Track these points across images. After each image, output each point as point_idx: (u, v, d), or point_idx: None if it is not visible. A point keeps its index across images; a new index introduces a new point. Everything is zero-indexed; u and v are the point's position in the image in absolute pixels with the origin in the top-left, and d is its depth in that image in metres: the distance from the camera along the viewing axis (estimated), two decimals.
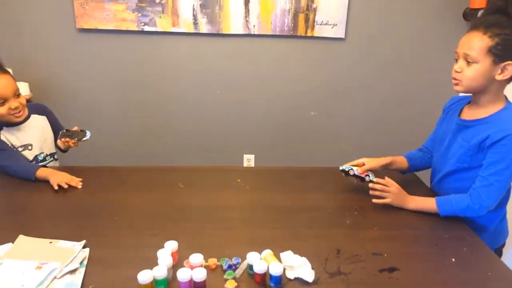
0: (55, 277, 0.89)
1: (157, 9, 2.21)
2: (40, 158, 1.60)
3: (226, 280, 0.92)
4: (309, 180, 1.54)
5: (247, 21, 2.25)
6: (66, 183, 1.37)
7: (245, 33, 2.28)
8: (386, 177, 1.30)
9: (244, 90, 2.45)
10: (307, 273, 0.93)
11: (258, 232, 1.15)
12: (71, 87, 2.40)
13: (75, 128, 1.58)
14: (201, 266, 0.93)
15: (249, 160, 2.60)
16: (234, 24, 2.25)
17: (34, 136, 1.57)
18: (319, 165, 1.70)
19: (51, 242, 1.04)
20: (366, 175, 1.37)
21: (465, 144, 1.18)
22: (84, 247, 1.03)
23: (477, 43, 1.08)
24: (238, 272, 0.95)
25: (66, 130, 1.57)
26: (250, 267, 0.95)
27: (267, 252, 0.98)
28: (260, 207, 1.30)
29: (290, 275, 0.95)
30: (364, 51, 2.37)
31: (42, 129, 1.62)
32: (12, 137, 1.51)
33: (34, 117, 1.60)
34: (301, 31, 2.27)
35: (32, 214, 1.22)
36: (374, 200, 1.30)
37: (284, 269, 0.95)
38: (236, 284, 0.91)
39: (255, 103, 2.48)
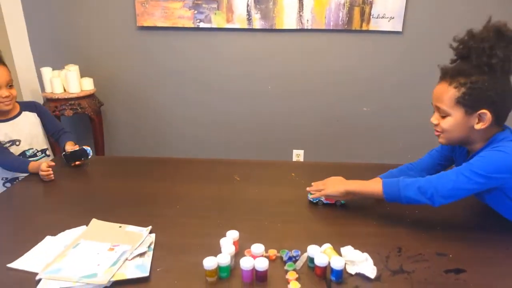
0: (126, 259, 0.95)
1: (212, 5, 2.26)
2: (29, 153, 1.64)
3: (287, 271, 0.93)
4: (365, 176, 1.50)
5: (300, 15, 2.24)
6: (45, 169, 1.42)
7: (298, 28, 2.27)
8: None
9: (296, 86, 2.44)
10: (369, 269, 0.92)
11: (316, 227, 1.15)
12: (131, 83, 2.53)
13: (74, 147, 1.57)
14: (263, 256, 0.95)
15: (298, 155, 2.60)
16: (287, 19, 2.25)
17: (24, 132, 1.62)
18: (370, 162, 1.66)
19: (120, 227, 1.11)
20: (336, 201, 1.26)
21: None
22: (150, 232, 1.09)
23: (445, 95, 1.03)
24: (298, 264, 0.96)
25: (66, 152, 1.55)
26: (310, 260, 0.95)
27: (327, 246, 0.98)
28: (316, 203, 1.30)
29: (351, 270, 0.94)
30: (422, 45, 2.26)
31: (32, 125, 1.66)
32: (0, 133, 1.57)
33: (25, 114, 1.65)
34: (356, 25, 2.22)
35: (101, 201, 1.31)
36: (310, 197, 1.25)
37: (345, 264, 0.95)
38: (297, 275, 0.92)
39: (307, 99, 2.46)
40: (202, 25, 2.31)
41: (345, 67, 2.36)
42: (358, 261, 0.94)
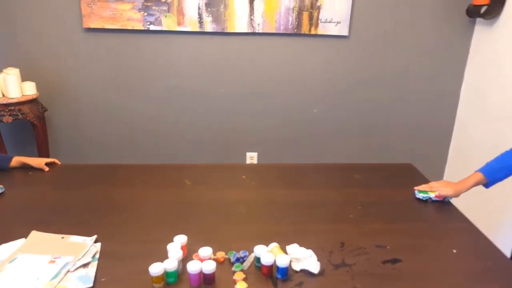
0: (68, 271, 0.92)
1: (163, 8, 2.23)
2: None
3: (234, 272, 0.95)
4: (313, 176, 1.56)
5: (251, 19, 2.27)
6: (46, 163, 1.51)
7: (249, 31, 2.30)
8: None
9: (248, 88, 2.47)
10: (313, 265, 0.96)
11: (264, 227, 1.18)
12: (77, 86, 2.43)
13: None
14: (210, 259, 0.96)
15: (252, 158, 2.63)
16: (239, 22, 2.27)
17: None
18: (322, 162, 1.72)
19: (63, 237, 1.07)
20: (445, 197, 1.33)
21: None
22: (95, 241, 1.06)
23: None
24: (246, 264, 0.98)
25: None
26: (257, 259, 0.97)
27: (274, 245, 1.01)
28: (266, 203, 1.33)
29: (296, 267, 0.97)
30: (368, 49, 2.38)
31: None
32: None
33: None
34: (305, 29, 2.29)
35: (43, 211, 1.25)
36: (419, 195, 1.34)
37: (290, 261, 0.98)
38: (244, 275, 0.93)
39: (259, 101, 2.50)
40: (152, 27, 2.27)
41: (295, 70, 2.42)
42: (302, 258, 0.97)
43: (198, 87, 2.46)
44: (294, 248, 1.00)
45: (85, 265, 0.95)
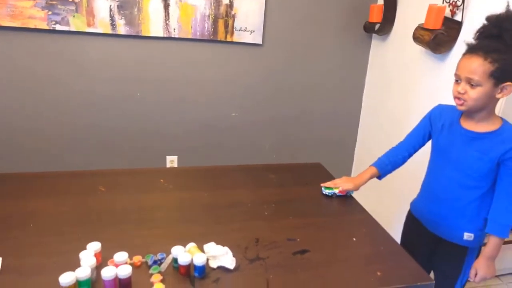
0: None
1: (70, 7, 2.10)
2: None
3: (151, 274, 0.96)
4: (231, 178, 1.62)
5: (167, 24, 2.26)
6: None
7: (165, 36, 2.29)
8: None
9: (166, 93, 2.45)
10: (228, 261, 1.01)
11: (183, 229, 1.20)
12: None
13: None
14: (126, 263, 0.95)
15: (172, 162, 2.60)
16: (154, 26, 2.25)
17: None
18: (241, 164, 1.80)
19: None
20: (347, 192, 1.49)
21: (484, 157, 1.20)
22: None
23: (479, 68, 1.15)
24: (163, 266, 1.00)
25: None
26: (175, 260, 0.99)
27: (191, 245, 1.04)
28: (184, 205, 1.35)
29: (213, 264, 1.02)
30: (280, 57, 2.53)
31: None
32: None
33: None
34: (221, 36, 2.35)
35: None
36: (325, 191, 1.48)
37: (208, 260, 1.02)
38: (161, 277, 0.95)
39: (177, 105, 2.49)
40: (58, 27, 2.12)
41: (212, 75, 2.47)
42: (219, 255, 1.02)
43: (113, 91, 2.36)
44: (211, 247, 1.04)
45: None
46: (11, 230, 1.12)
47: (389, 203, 2.40)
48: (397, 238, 1.39)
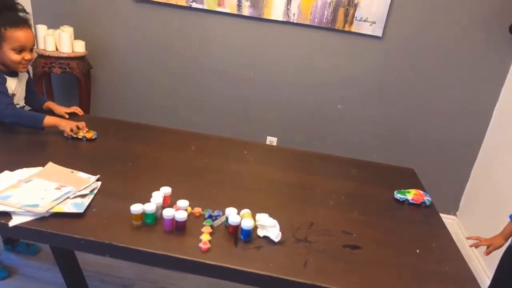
0: (68, 197, 1.09)
1: None
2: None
3: (204, 226, 1.07)
4: (314, 164, 1.64)
5: (288, 9, 2.34)
6: (77, 127, 1.52)
7: (284, 20, 2.37)
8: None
9: (277, 75, 2.55)
10: (275, 234, 1.05)
11: (247, 196, 1.28)
12: (121, 50, 2.65)
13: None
14: (186, 210, 1.08)
15: (271, 142, 2.72)
16: (275, 10, 2.35)
17: (20, 88, 1.67)
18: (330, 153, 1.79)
19: (72, 172, 1.24)
20: (422, 202, 1.38)
21: None
22: (98, 180, 1.22)
23: None
24: (217, 222, 1.10)
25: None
26: (227, 220, 1.08)
27: (245, 211, 1.12)
28: (257, 178, 1.43)
29: (260, 233, 1.07)
30: (400, 53, 2.37)
31: (25, 83, 1.71)
32: (10, 85, 1.59)
33: (24, 73, 1.69)
34: (339, 25, 2.32)
35: (61, 151, 1.44)
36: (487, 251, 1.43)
37: (257, 228, 1.09)
38: (211, 230, 1.05)
39: (285, 89, 2.57)
40: (194, 5, 2.41)
41: (325, 64, 2.46)
42: (267, 226, 1.07)
43: (229, 67, 2.58)
44: (262, 216, 1.10)
45: (83, 196, 1.11)
46: (115, 164, 1.37)
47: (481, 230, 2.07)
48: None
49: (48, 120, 1.51)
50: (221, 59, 2.57)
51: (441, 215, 2.67)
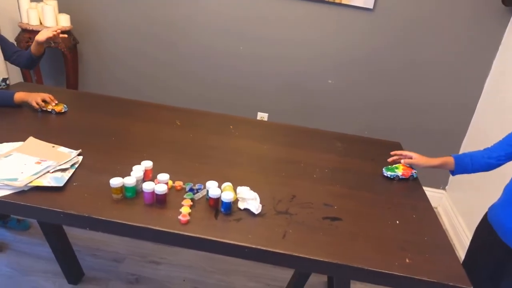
0: (48, 171, 1.08)
1: None
2: None
3: (184, 199, 1.07)
4: (301, 138, 1.63)
5: None
6: (43, 100, 1.50)
7: None
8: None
9: (265, 50, 2.51)
10: (255, 206, 1.06)
11: (230, 170, 1.28)
12: (109, 25, 2.58)
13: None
14: (166, 184, 1.08)
15: (262, 118, 2.71)
16: None
17: None
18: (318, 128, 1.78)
19: (53, 147, 1.23)
20: (410, 175, 1.37)
21: None
22: (80, 155, 1.22)
23: None
24: (197, 195, 1.10)
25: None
26: (208, 193, 1.09)
27: (227, 184, 1.12)
28: (242, 151, 1.43)
29: (241, 205, 1.08)
30: (392, 25, 2.32)
31: None
32: None
33: None
34: None
35: (42, 126, 1.43)
36: (387, 173, 1.36)
37: (238, 201, 1.09)
38: (191, 203, 1.06)
39: (274, 64, 2.54)
40: None
41: (315, 38, 2.42)
42: (247, 199, 1.07)
43: (218, 42, 2.53)
44: (242, 189, 1.10)
45: (63, 170, 1.11)
46: (98, 138, 1.36)
47: (469, 204, 2.10)
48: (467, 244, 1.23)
49: (18, 96, 1.51)
50: (209, 33, 2.52)
51: (430, 189, 2.72)
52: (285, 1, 2.35)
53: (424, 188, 1.36)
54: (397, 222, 1.13)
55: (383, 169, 1.40)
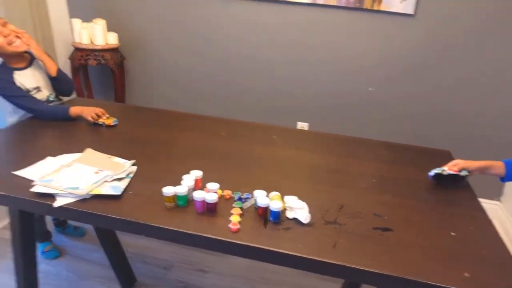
0: (105, 181, 1.15)
1: None
2: (51, 99, 1.73)
3: (233, 208, 1.09)
4: (345, 147, 1.62)
5: None
6: (96, 114, 1.60)
7: (309, 2, 2.33)
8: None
9: (304, 60, 2.52)
10: (303, 215, 1.06)
11: (277, 180, 1.29)
12: (153, 41, 2.71)
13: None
14: (216, 193, 1.11)
15: (302, 127, 2.70)
16: None
17: (41, 78, 1.71)
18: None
19: (109, 157, 1.31)
20: (460, 171, 1.30)
21: None
22: (134, 165, 1.28)
23: None
24: (246, 205, 1.12)
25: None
26: (256, 202, 1.10)
27: (275, 193, 1.13)
28: (288, 161, 1.44)
29: (289, 215, 1.09)
30: (433, 31, 2.26)
31: (45, 72, 1.72)
32: (25, 80, 1.63)
33: (36, 61, 1.71)
34: (367, 4, 2.25)
35: (96, 138, 1.51)
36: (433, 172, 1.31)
37: (286, 210, 1.10)
38: (240, 212, 1.07)
39: (315, 73, 2.54)
40: None
41: (353, 47, 2.40)
42: (296, 208, 1.08)
43: (259, 53, 2.57)
44: (290, 199, 1.11)
45: (120, 179, 1.17)
46: (148, 149, 1.43)
47: None
48: None
49: (73, 110, 1.62)
50: (248, 45, 2.57)
51: (484, 200, 2.59)
52: (320, 9, 2.35)
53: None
54: (452, 233, 1.09)
55: (428, 173, 1.34)
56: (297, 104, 2.66)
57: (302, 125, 2.72)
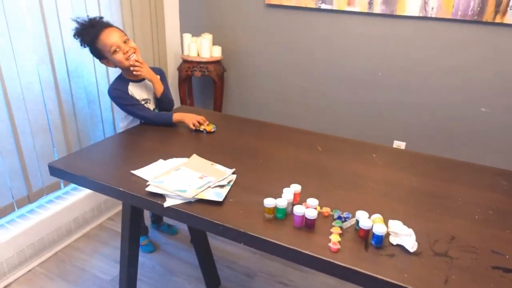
0: (209, 186, 1.21)
1: None
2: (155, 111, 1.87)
3: (333, 226, 1.06)
4: (453, 171, 1.47)
5: (425, 2, 2.15)
6: (198, 121, 1.71)
7: (420, 15, 2.19)
8: None
9: (409, 76, 2.37)
10: (410, 243, 0.98)
11: (379, 202, 1.22)
12: (253, 53, 2.82)
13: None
14: (315, 209, 1.09)
15: (398, 146, 2.55)
16: (410, 4, 2.19)
17: (152, 93, 1.85)
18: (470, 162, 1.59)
19: (212, 164, 1.38)
20: None
21: None
22: (233, 173, 1.33)
23: None
24: (346, 224, 1.08)
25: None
26: (357, 223, 1.06)
27: (377, 216, 1.07)
28: (389, 182, 1.36)
29: (394, 240, 1.02)
30: None
31: (152, 90, 1.84)
32: (137, 92, 1.80)
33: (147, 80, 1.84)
34: (488, 16, 2.03)
35: (198, 144, 1.61)
36: None
37: (389, 235, 1.03)
38: (340, 232, 1.04)
39: (418, 91, 2.38)
40: (323, 6, 2.41)
41: (467, 63, 2.19)
42: (401, 234, 1.01)
43: (358, 68, 2.51)
44: (395, 223, 1.04)
45: (221, 186, 1.22)
46: (246, 158, 1.47)
47: None
48: None
49: (176, 116, 1.75)
50: (349, 60, 2.51)
51: None
52: (432, 23, 2.20)
53: None
54: None
55: None
56: (394, 122, 2.52)
57: (399, 144, 2.56)
